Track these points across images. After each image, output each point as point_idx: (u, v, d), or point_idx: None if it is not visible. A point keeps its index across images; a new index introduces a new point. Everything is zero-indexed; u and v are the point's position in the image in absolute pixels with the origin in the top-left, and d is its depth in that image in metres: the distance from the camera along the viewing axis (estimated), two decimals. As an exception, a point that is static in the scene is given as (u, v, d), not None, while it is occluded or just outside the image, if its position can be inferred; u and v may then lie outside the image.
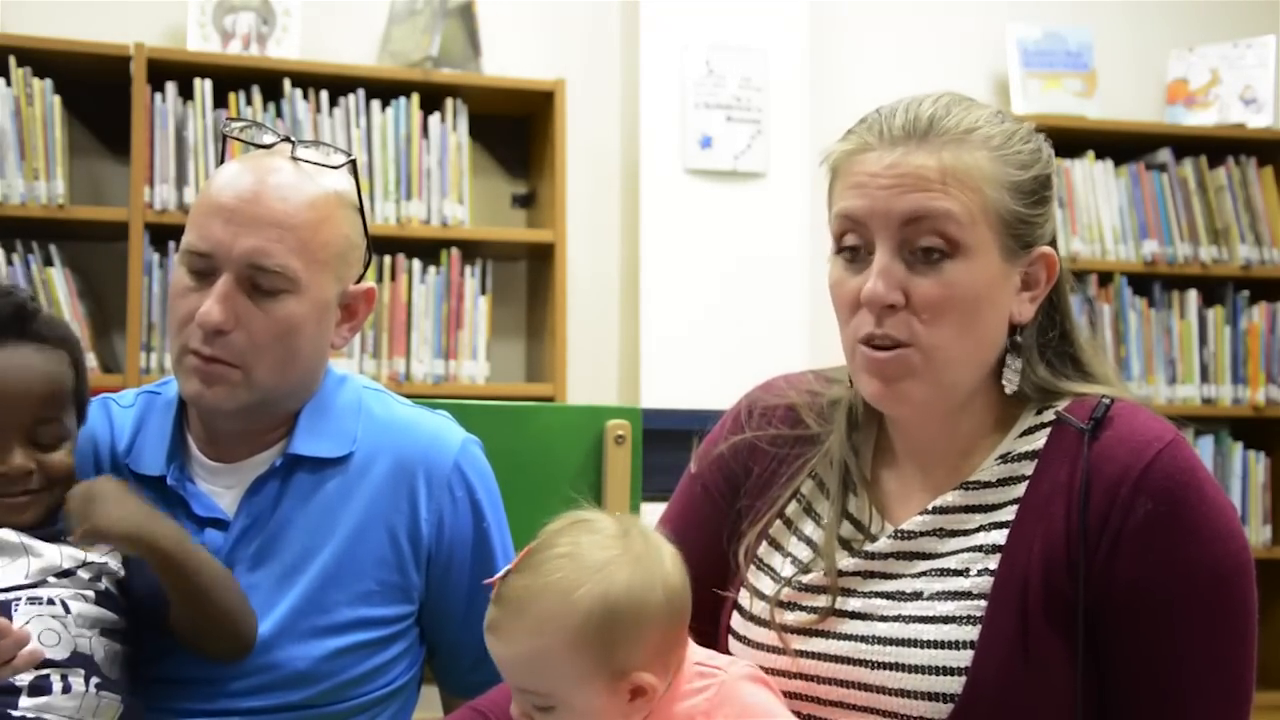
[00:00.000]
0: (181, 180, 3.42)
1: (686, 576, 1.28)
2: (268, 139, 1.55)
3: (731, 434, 1.47)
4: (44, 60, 3.37)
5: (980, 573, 1.25)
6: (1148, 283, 4.09)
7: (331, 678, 1.51)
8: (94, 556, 1.42)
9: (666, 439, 1.74)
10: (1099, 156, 4.09)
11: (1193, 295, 4.09)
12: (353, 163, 1.55)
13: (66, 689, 1.32)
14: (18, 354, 1.43)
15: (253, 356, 1.47)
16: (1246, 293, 4.14)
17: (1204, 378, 4.07)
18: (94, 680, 1.35)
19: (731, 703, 1.25)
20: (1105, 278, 4.04)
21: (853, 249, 1.30)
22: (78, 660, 1.35)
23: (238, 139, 1.57)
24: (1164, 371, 4.04)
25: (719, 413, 1.54)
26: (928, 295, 1.25)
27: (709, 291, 3.82)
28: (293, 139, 1.54)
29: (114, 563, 1.44)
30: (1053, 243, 1.32)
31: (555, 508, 1.29)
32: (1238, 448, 4.08)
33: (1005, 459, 1.30)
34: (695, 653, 1.31)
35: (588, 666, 1.21)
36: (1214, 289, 4.14)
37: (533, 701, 1.24)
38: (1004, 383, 1.31)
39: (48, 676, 1.32)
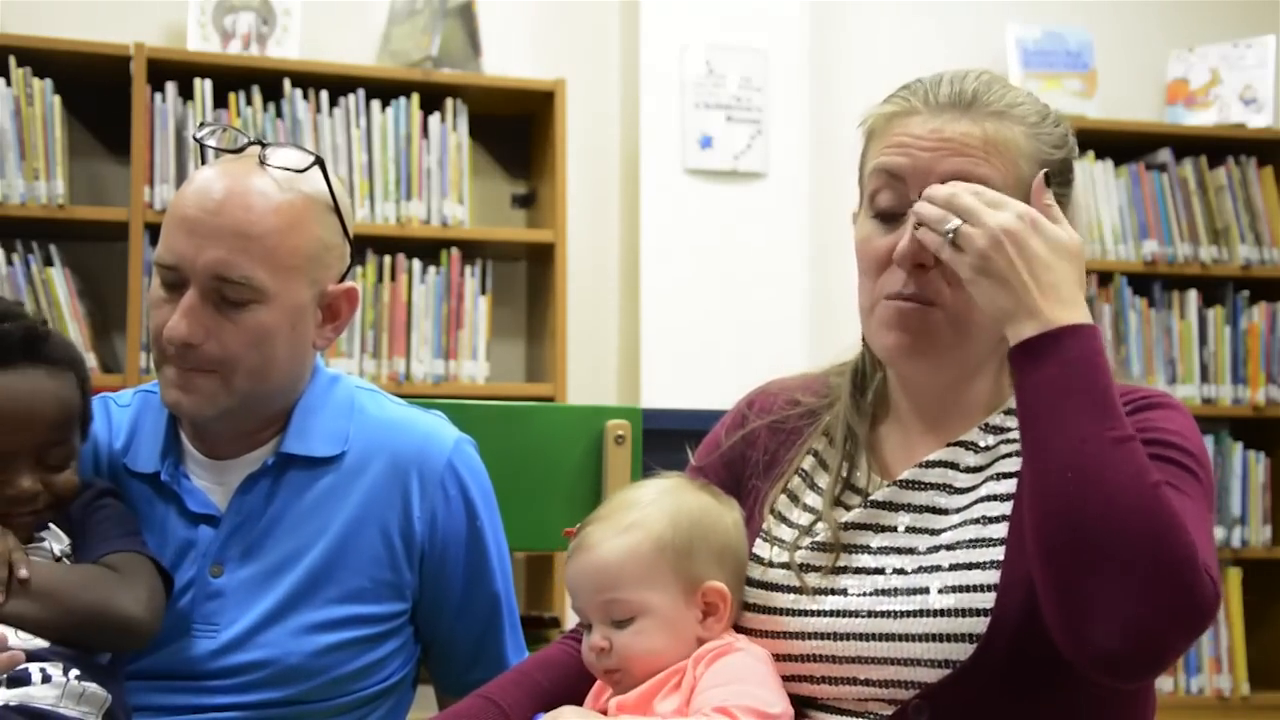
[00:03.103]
0: (181, 180, 3.40)
1: None
2: (238, 143, 1.52)
3: (734, 428, 1.49)
4: (44, 60, 3.38)
5: (997, 519, 1.27)
6: (1148, 283, 4.09)
7: (324, 674, 1.51)
8: (59, 548, 1.43)
9: (666, 439, 1.74)
10: (1099, 156, 4.09)
11: (1193, 295, 4.10)
12: (320, 163, 1.52)
13: (46, 679, 1.32)
14: (28, 378, 1.42)
15: (227, 366, 1.47)
16: (1246, 293, 4.14)
17: (1204, 378, 4.07)
18: (74, 672, 1.34)
19: (717, 658, 1.29)
20: (1105, 278, 4.04)
21: (886, 212, 1.31)
22: (58, 649, 1.35)
23: (207, 145, 1.54)
24: (1164, 371, 4.04)
25: (719, 413, 1.55)
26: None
27: (709, 291, 3.82)
28: (263, 141, 1.52)
29: (59, 547, 1.43)
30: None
31: (555, 508, 1.30)
32: (1238, 448, 4.07)
33: (1004, 413, 1.33)
34: None
35: (668, 570, 1.30)
36: (1214, 289, 4.14)
37: (613, 616, 1.30)
38: None
39: (26, 668, 1.32)
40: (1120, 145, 4.13)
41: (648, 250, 3.81)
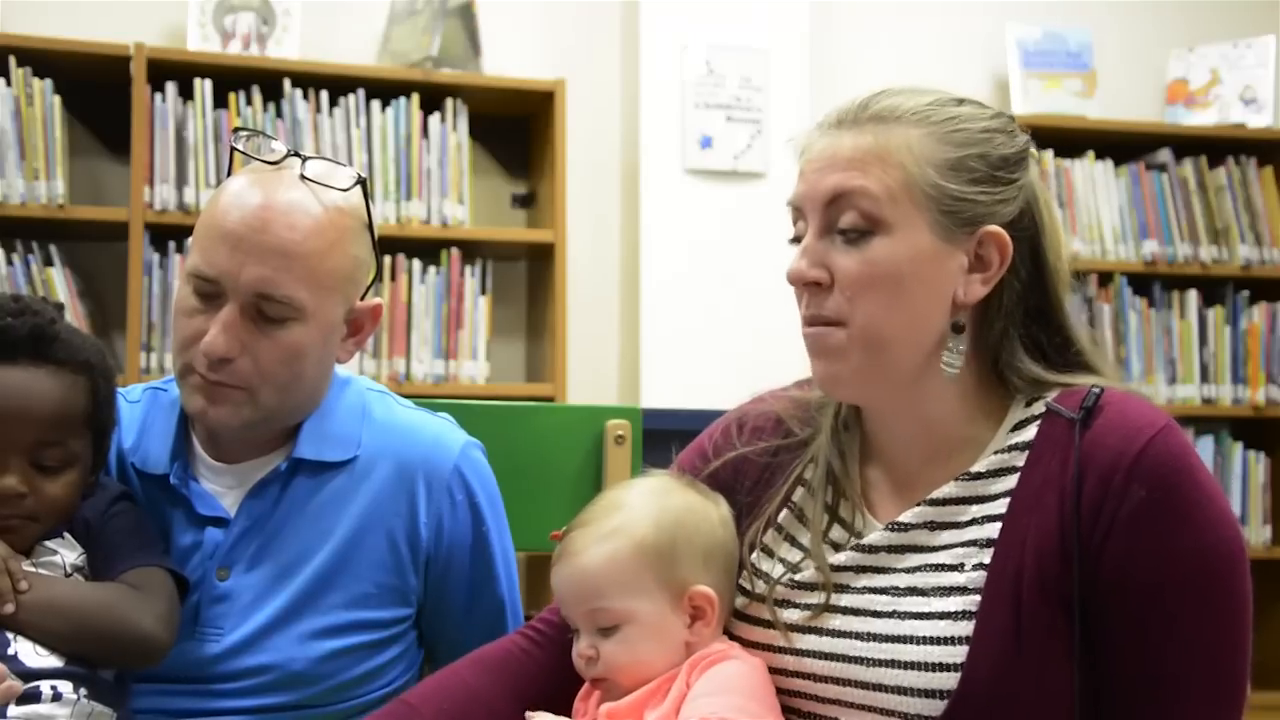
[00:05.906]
0: (181, 180, 3.42)
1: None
2: (274, 152, 1.51)
3: (723, 449, 1.46)
4: (44, 60, 3.37)
5: (975, 567, 1.24)
6: (1148, 283, 4.09)
7: (328, 679, 1.51)
8: (71, 559, 1.42)
9: (666, 439, 1.74)
10: (1099, 156, 4.09)
11: (1193, 295, 4.10)
12: (362, 182, 1.52)
13: (57, 697, 1.32)
14: (27, 374, 1.40)
15: (258, 381, 1.46)
16: (1246, 293, 4.14)
17: (1204, 378, 4.07)
18: (83, 690, 1.34)
19: (711, 666, 1.27)
20: (1105, 278, 4.04)
21: (798, 239, 1.31)
22: (70, 669, 1.35)
23: (243, 153, 1.52)
24: (1164, 371, 4.05)
25: (719, 413, 1.54)
26: (849, 271, 1.25)
27: (709, 291, 3.82)
28: (301, 154, 1.50)
29: (71, 558, 1.42)
30: (1016, 224, 1.27)
31: (555, 508, 1.30)
32: (1238, 448, 4.08)
33: (998, 453, 1.28)
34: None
35: (651, 576, 1.29)
36: (1214, 289, 4.14)
37: (598, 624, 1.29)
38: (943, 365, 1.28)
39: (37, 686, 1.31)
40: (1120, 145, 4.13)
41: (648, 250, 3.81)
